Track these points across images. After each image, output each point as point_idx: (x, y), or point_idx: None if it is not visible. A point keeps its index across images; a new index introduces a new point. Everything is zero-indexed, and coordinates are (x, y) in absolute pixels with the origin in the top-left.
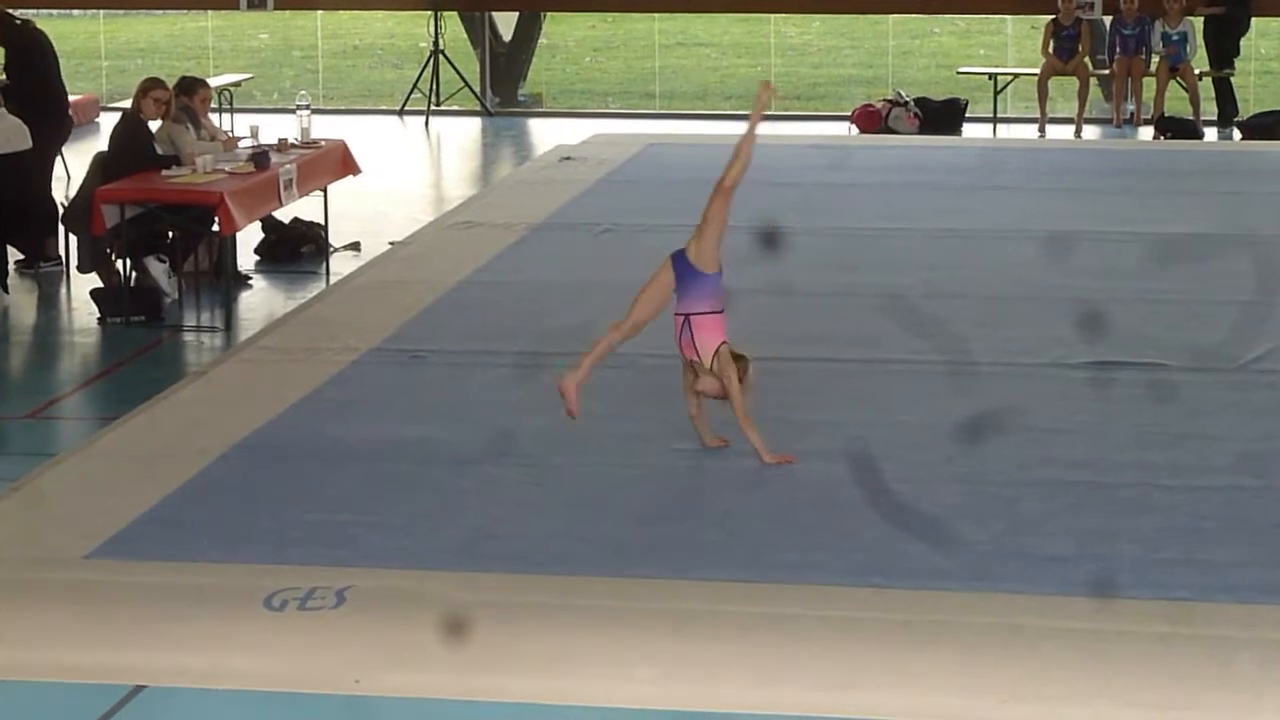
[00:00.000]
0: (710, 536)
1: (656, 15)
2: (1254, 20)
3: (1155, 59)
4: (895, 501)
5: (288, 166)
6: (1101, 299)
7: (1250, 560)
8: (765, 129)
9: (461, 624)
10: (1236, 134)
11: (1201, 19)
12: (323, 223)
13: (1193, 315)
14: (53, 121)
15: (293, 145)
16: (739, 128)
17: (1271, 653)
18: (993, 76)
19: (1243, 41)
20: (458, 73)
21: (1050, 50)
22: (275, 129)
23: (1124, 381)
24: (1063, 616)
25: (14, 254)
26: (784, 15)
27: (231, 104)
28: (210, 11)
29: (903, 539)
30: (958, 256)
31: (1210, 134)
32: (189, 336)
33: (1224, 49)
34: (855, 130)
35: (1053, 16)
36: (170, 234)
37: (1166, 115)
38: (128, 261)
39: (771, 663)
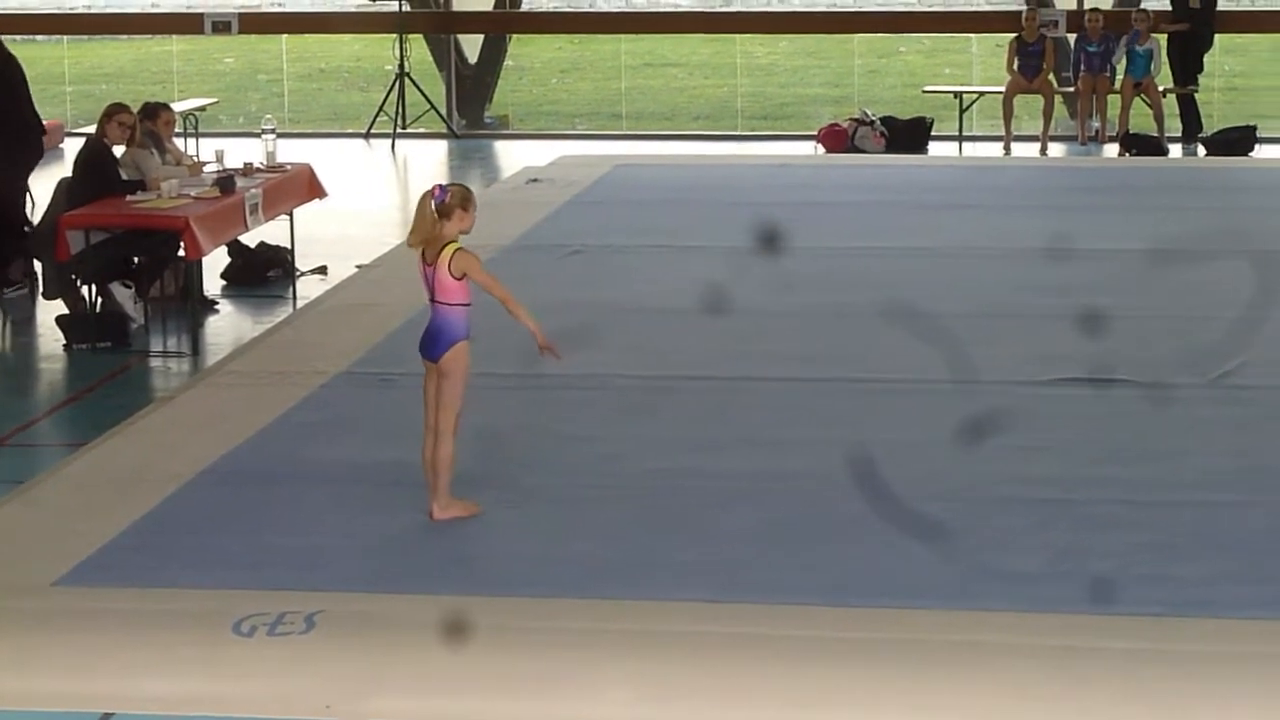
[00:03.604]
0: (686, 557)
1: (623, 36)
2: (1218, 37)
3: (1120, 76)
4: (891, 513)
5: (253, 191)
6: (1070, 316)
7: (1222, 575)
8: (732, 149)
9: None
10: (1201, 150)
11: (1166, 36)
12: (289, 246)
13: (1161, 331)
14: (25, 144)
15: (258, 169)
16: (707, 148)
17: (1244, 667)
18: (958, 95)
19: (1207, 58)
20: (424, 95)
21: (1015, 68)
22: (241, 153)
23: (1093, 398)
24: (1037, 633)
25: None
26: (751, 35)
27: (197, 128)
28: (175, 36)
29: (876, 557)
30: (925, 275)
31: (1175, 150)
32: (156, 362)
33: (1188, 66)
34: (822, 149)
35: (1017, 34)
36: (136, 259)
37: (1131, 132)
38: (93, 287)
39: (746, 683)
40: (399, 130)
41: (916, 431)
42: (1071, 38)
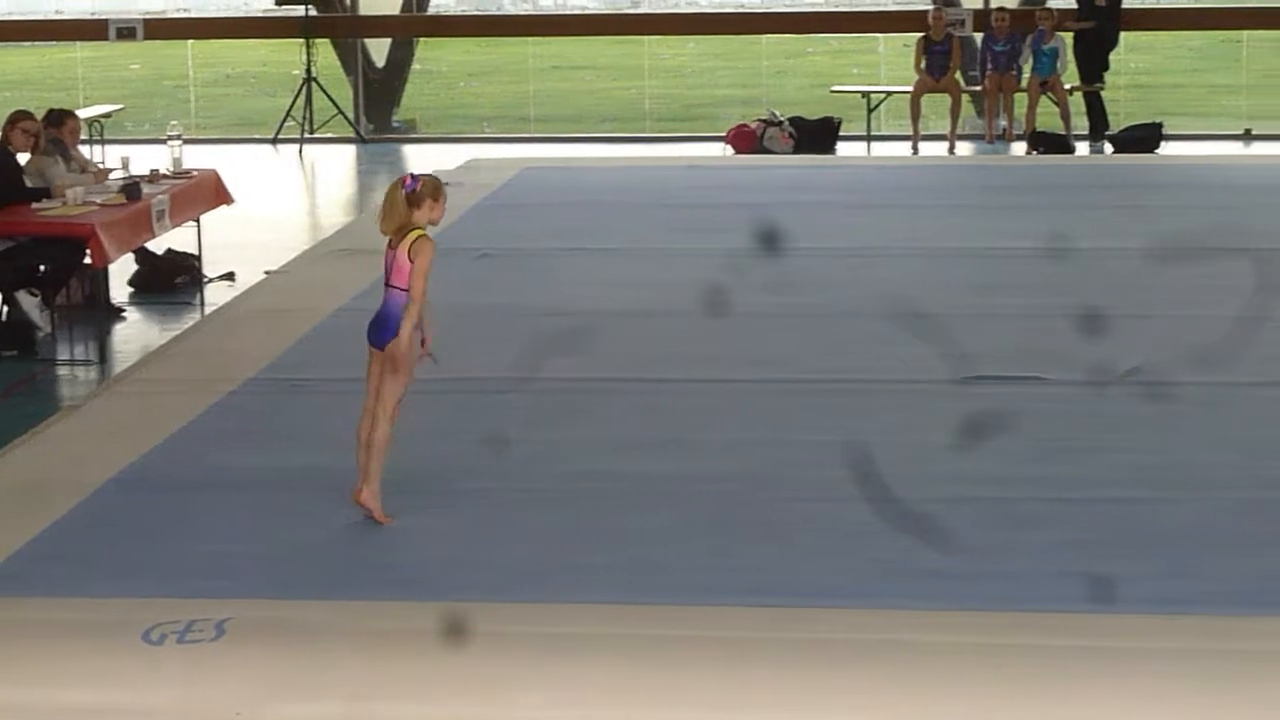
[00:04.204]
0: (602, 559)
1: (531, 39)
2: (1123, 35)
3: (1026, 74)
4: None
5: (160, 197)
6: (980, 314)
7: (1143, 572)
8: (641, 150)
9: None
10: (1108, 147)
11: (1072, 34)
12: (197, 253)
13: (1067, 327)
14: None
15: (164, 176)
16: (616, 150)
17: (1168, 663)
18: (866, 95)
19: (1113, 56)
20: (331, 100)
21: (922, 67)
22: (147, 160)
23: (1007, 396)
24: (959, 632)
25: None
26: (659, 37)
27: (103, 135)
28: (80, 43)
29: (796, 557)
30: (834, 275)
31: (1082, 148)
32: (63, 370)
33: (1094, 63)
34: (731, 150)
35: (924, 34)
36: (41, 267)
37: (1039, 130)
38: None
39: (659, 685)
40: (306, 135)
41: (833, 432)
42: (978, 37)
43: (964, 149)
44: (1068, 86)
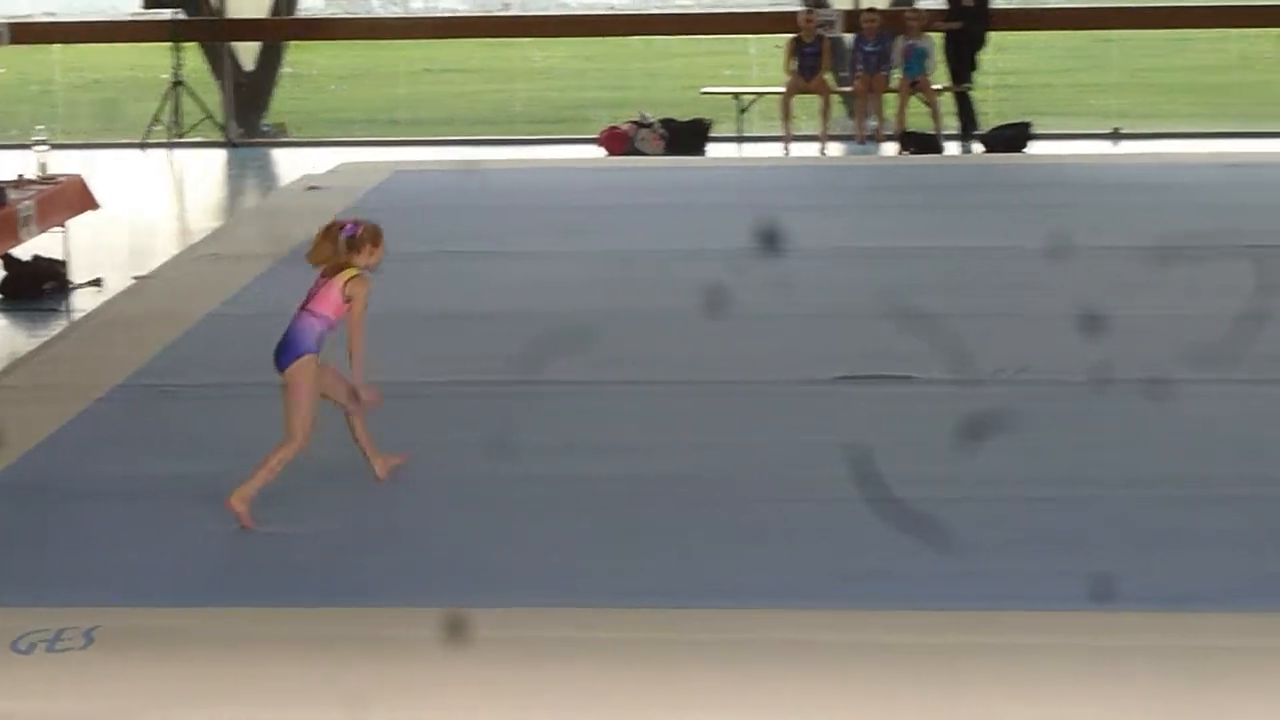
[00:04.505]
0: (513, 562)
1: (402, 42)
2: (992, 35)
3: (896, 75)
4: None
5: (26, 203)
6: (850, 314)
7: (1034, 571)
8: (514, 153)
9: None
10: (978, 147)
11: (941, 35)
12: (64, 259)
13: (941, 327)
14: None
15: (30, 181)
16: (488, 153)
17: (1063, 657)
18: (737, 96)
19: (981, 56)
20: (200, 104)
21: (793, 68)
22: (12, 165)
23: (875, 396)
24: (854, 630)
25: None
26: (530, 39)
27: None
28: None
29: (693, 558)
30: (707, 275)
31: (952, 148)
32: None
33: (964, 64)
34: (602, 152)
35: (795, 35)
36: None
37: (909, 130)
38: None
39: (571, 687)
40: (175, 139)
41: (708, 433)
42: (849, 38)
43: (835, 150)
44: (937, 87)
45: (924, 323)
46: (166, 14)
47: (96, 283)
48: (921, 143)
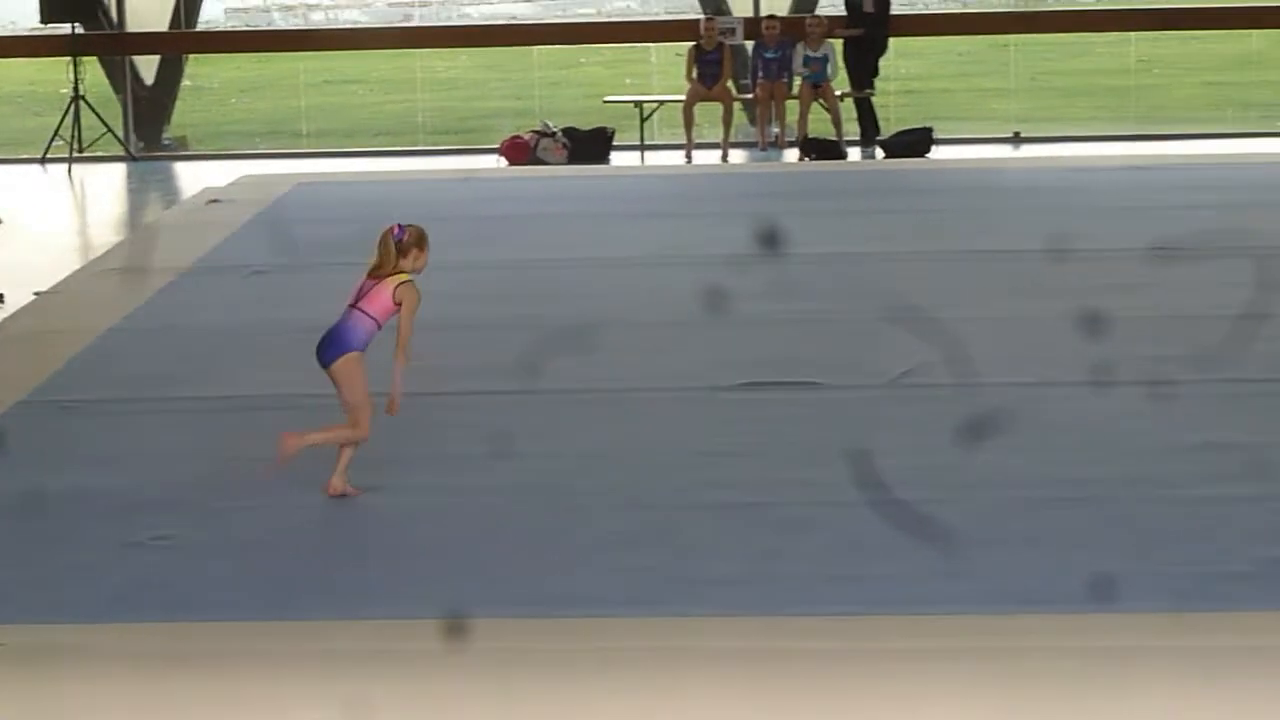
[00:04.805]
0: (377, 575)
1: (303, 54)
2: (892, 41)
3: (797, 82)
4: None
5: None
6: (753, 320)
7: (911, 574)
8: (415, 164)
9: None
10: (879, 153)
11: (842, 41)
12: None
13: (843, 333)
14: None
15: None
16: (390, 164)
17: (935, 662)
18: (639, 104)
19: (882, 62)
20: (100, 118)
21: (694, 76)
22: None
23: (779, 401)
24: (732, 637)
25: None
26: (431, 50)
27: None
28: None
29: (569, 567)
30: (610, 284)
31: (854, 154)
32: None
33: (864, 70)
34: (505, 162)
35: (696, 43)
36: None
37: (810, 137)
38: None
39: (438, 699)
40: (75, 154)
41: (604, 441)
42: (749, 45)
43: (737, 157)
44: (839, 93)
45: (826, 328)
46: (65, 28)
47: None
48: (823, 149)
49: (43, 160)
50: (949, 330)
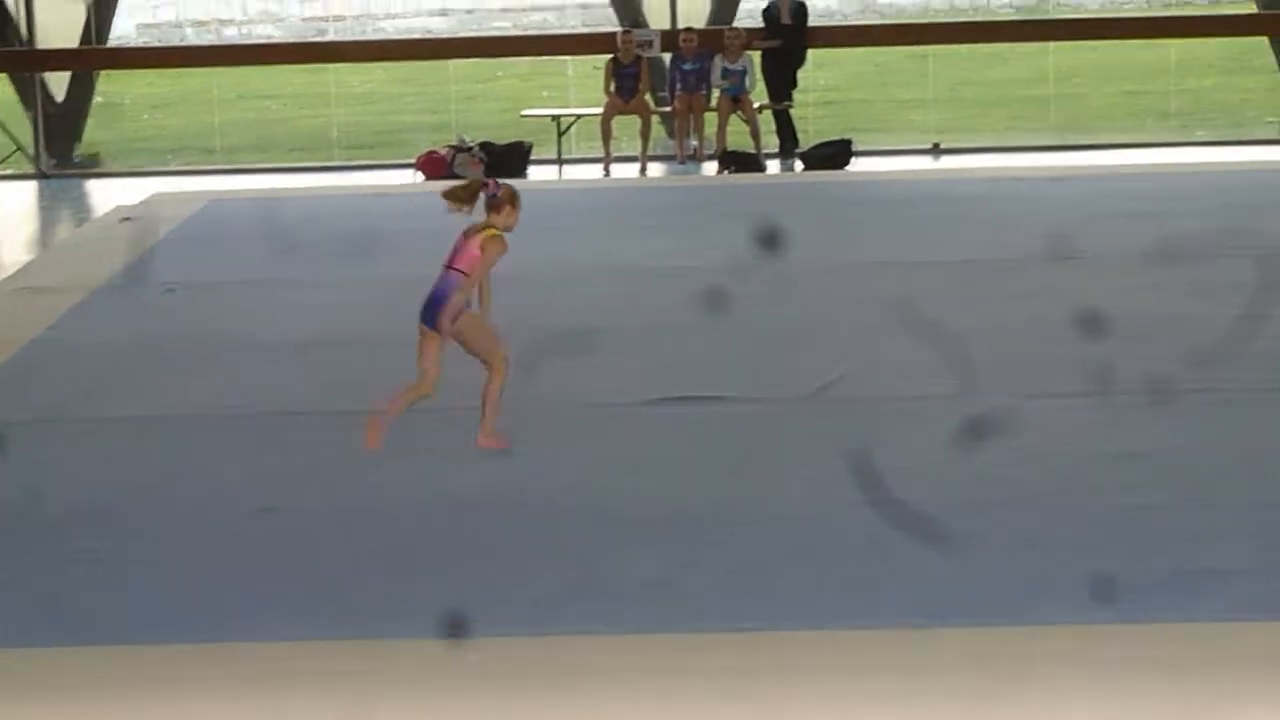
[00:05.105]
0: (296, 590)
1: (215, 69)
2: (810, 52)
3: (716, 94)
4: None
5: None
6: (667, 334)
7: (815, 587)
8: (329, 179)
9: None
10: (798, 165)
11: (760, 53)
12: None
13: (758, 347)
14: None
15: None
16: (304, 180)
17: (836, 678)
18: (556, 118)
19: (800, 74)
20: (10, 136)
21: (612, 89)
22: None
23: (692, 416)
24: (637, 652)
25: None
26: (346, 65)
27: None
28: None
29: (481, 583)
30: (526, 298)
31: (773, 166)
32: None
33: (782, 82)
34: (421, 177)
35: (613, 56)
36: None
37: (729, 150)
38: None
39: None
40: None
41: (515, 455)
42: (667, 57)
43: (655, 170)
44: (757, 105)
45: (745, 340)
46: None
47: None
48: (742, 162)
49: None
50: (865, 339)
